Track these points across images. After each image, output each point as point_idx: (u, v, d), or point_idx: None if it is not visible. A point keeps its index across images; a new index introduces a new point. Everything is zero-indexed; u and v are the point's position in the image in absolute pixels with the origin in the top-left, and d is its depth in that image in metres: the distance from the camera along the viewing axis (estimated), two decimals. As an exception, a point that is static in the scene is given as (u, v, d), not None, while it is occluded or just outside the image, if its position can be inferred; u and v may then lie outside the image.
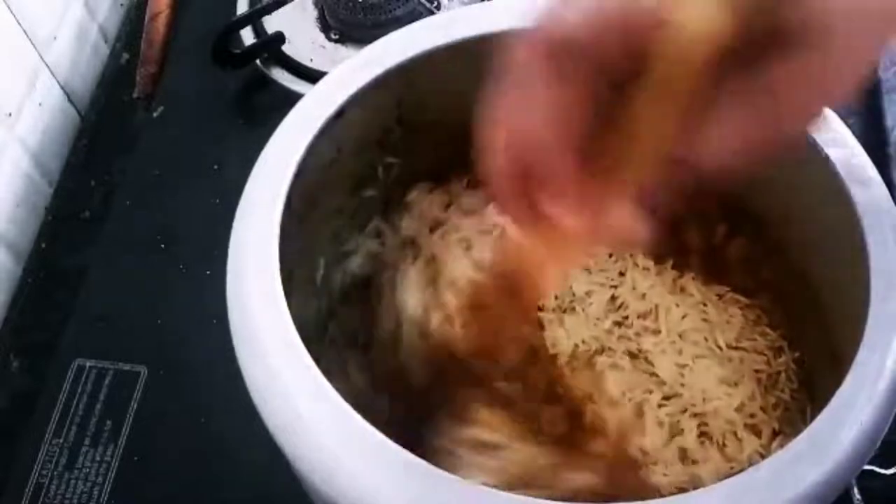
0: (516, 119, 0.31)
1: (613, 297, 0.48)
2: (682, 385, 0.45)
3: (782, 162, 0.43)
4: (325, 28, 0.71)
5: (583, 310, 0.47)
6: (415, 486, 0.32)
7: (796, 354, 0.46)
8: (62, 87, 0.71)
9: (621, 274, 0.49)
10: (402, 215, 0.49)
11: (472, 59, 0.45)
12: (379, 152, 0.47)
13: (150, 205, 0.64)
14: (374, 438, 0.33)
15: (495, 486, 0.34)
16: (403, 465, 0.33)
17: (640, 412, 0.44)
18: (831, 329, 0.42)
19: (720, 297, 0.48)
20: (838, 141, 0.41)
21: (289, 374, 0.35)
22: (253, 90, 0.69)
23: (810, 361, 0.46)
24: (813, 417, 0.34)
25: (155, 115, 0.69)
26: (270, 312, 0.36)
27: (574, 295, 0.48)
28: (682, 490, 0.42)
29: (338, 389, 0.35)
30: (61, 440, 0.54)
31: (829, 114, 0.42)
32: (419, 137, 0.48)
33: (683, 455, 0.43)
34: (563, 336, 0.47)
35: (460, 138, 0.36)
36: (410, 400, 0.44)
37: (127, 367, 0.57)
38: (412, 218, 0.49)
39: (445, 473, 0.33)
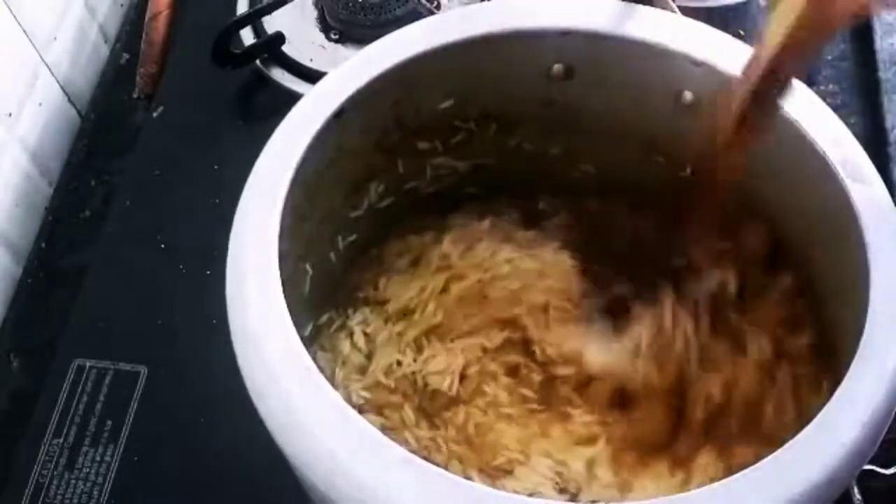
0: None
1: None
2: None
3: (783, 162, 0.43)
4: (325, 28, 0.71)
5: None
6: (414, 485, 0.32)
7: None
8: (62, 87, 0.71)
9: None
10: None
11: (472, 60, 0.45)
12: (377, 153, 0.47)
13: (150, 205, 0.64)
14: (373, 438, 0.33)
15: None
16: (403, 465, 0.33)
17: None
18: (831, 328, 0.42)
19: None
20: (838, 141, 0.41)
21: (288, 375, 0.35)
22: (253, 90, 0.69)
23: (809, 360, 0.46)
24: (812, 416, 0.34)
25: (155, 115, 0.69)
26: (270, 313, 0.36)
27: None
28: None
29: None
30: (61, 440, 0.54)
31: (829, 113, 0.42)
32: (417, 139, 0.48)
33: None
34: None
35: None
36: None
37: (127, 367, 0.57)
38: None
39: (445, 473, 0.33)
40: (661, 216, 0.50)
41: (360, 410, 0.45)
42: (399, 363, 0.47)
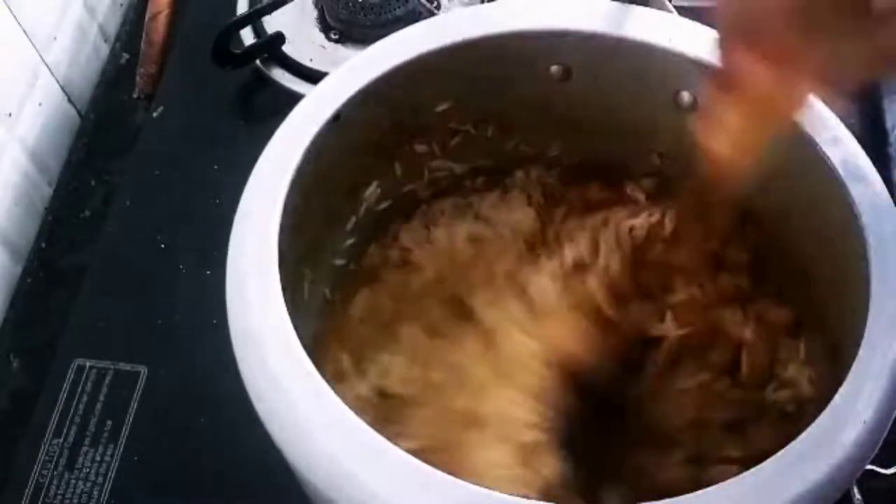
0: None
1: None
2: None
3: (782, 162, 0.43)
4: (325, 28, 0.71)
5: None
6: (414, 487, 0.32)
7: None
8: (62, 87, 0.71)
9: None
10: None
11: (470, 62, 0.45)
12: (375, 156, 0.47)
13: (150, 205, 0.64)
14: (372, 440, 0.33)
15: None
16: (402, 467, 0.33)
17: None
18: (832, 328, 0.42)
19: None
20: (838, 141, 0.41)
21: (288, 377, 0.35)
22: (253, 90, 0.69)
23: (810, 360, 0.46)
24: (814, 417, 0.34)
25: (155, 115, 0.69)
26: (270, 314, 0.36)
27: None
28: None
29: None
30: (61, 440, 0.54)
31: (829, 114, 0.42)
32: (415, 141, 0.48)
33: None
34: None
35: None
36: None
37: (127, 367, 0.57)
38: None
39: (444, 475, 0.33)
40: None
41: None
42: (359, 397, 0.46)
